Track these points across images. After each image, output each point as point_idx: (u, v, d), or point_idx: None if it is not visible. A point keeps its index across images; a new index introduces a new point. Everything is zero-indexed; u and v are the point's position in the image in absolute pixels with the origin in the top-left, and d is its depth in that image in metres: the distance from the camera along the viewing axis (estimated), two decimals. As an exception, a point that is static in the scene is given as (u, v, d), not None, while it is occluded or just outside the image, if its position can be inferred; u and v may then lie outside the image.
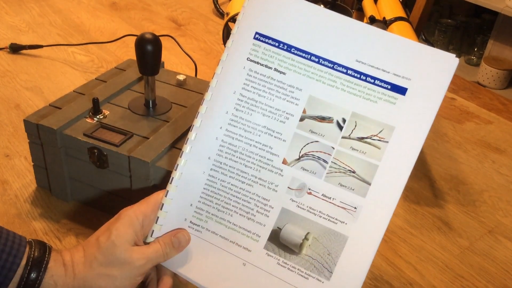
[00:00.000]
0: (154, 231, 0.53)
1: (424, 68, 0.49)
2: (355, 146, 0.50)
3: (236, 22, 0.54)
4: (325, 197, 0.51)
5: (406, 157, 0.49)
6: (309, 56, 0.52)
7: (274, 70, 0.52)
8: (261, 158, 0.52)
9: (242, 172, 0.53)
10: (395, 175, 0.50)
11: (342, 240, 0.50)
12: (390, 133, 0.50)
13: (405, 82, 0.49)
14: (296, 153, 0.52)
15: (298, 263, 0.51)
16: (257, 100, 0.53)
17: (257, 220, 0.52)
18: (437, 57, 0.49)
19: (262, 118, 0.52)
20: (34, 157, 0.74)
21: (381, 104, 0.50)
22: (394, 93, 0.50)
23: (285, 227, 0.52)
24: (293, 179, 0.52)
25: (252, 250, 0.52)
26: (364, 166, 0.50)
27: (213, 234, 0.53)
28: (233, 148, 0.53)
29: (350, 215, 0.50)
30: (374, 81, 0.50)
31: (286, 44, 0.52)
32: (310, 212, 0.51)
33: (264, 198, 0.52)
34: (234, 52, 0.54)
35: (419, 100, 0.49)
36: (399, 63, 0.50)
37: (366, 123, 0.50)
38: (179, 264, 0.53)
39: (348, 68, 0.51)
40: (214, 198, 0.53)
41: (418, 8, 1.16)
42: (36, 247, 0.49)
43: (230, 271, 0.52)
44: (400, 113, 0.49)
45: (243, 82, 0.53)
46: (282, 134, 0.52)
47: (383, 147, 0.50)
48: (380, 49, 0.50)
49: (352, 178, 0.50)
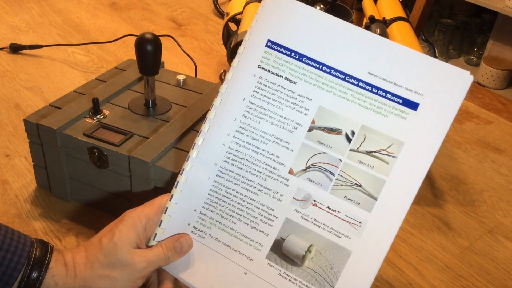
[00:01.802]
0: (157, 235, 0.52)
1: (438, 84, 0.48)
2: (363, 160, 0.50)
3: (249, 29, 0.53)
4: (330, 209, 0.50)
5: (414, 173, 0.48)
6: (321, 66, 0.51)
7: (284, 78, 0.52)
8: (268, 166, 0.52)
9: (248, 179, 0.52)
10: (402, 191, 0.49)
11: (345, 255, 0.49)
12: (400, 148, 0.49)
13: (417, 97, 0.48)
14: (303, 163, 0.51)
15: (299, 275, 0.50)
16: (266, 108, 0.52)
17: (261, 229, 0.52)
18: (451, 73, 0.48)
19: (270, 126, 0.52)
20: (34, 157, 0.74)
21: (391, 118, 0.49)
22: (406, 108, 0.49)
23: (288, 238, 0.51)
24: (299, 190, 0.51)
25: (254, 259, 0.52)
26: (371, 180, 0.49)
27: (215, 240, 0.53)
28: (240, 155, 0.52)
29: (354, 229, 0.49)
30: (385, 94, 0.49)
31: (298, 53, 0.51)
32: (314, 224, 0.50)
33: (268, 207, 0.52)
34: (245, 59, 0.53)
35: (430, 116, 0.48)
36: (412, 78, 0.48)
37: (376, 137, 0.49)
38: (180, 269, 0.53)
39: (360, 80, 0.50)
40: (218, 205, 0.53)
41: (418, 8, 1.16)
42: (38, 247, 0.49)
43: (230, 279, 0.52)
44: (410, 129, 0.48)
45: (253, 89, 0.52)
46: (289, 143, 0.51)
47: (392, 162, 0.49)
48: (393, 62, 0.49)
49: (358, 192, 0.50)
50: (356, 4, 1.16)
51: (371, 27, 0.94)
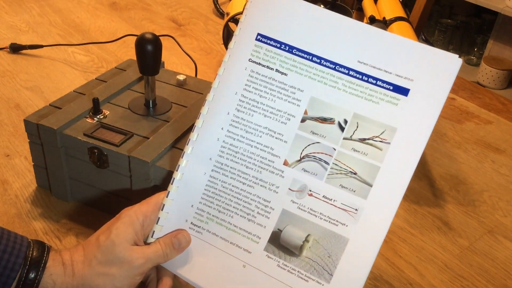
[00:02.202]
0: (155, 232, 0.53)
1: (427, 69, 0.49)
2: (357, 148, 0.50)
3: (239, 24, 0.54)
4: (326, 198, 0.51)
5: (408, 158, 0.49)
6: (311, 57, 0.51)
7: (275, 71, 0.52)
8: (262, 159, 0.52)
9: (243, 173, 0.53)
10: (397, 176, 0.49)
11: (342, 242, 0.50)
12: (392, 134, 0.49)
13: (408, 83, 0.49)
14: (297, 154, 0.52)
15: (298, 265, 0.51)
16: (259, 101, 0.52)
17: (258, 221, 0.52)
18: (440, 58, 0.49)
19: (263, 119, 0.52)
20: (34, 157, 0.74)
21: (383, 105, 0.50)
22: (396, 94, 0.49)
23: (285, 229, 0.51)
24: (294, 181, 0.52)
25: (252, 252, 0.52)
26: (366, 167, 0.50)
27: (213, 235, 0.53)
28: (234, 149, 0.53)
29: (351, 217, 0.50)
30: (376, 82, 0.50)
31: (287, 45, 0.52)
32: (310, 213, 0.51)
33: (264, 199, 0.52)
34: (236, 53, 0.53)
35: (421, 101, 0.49)
36: (402, 64, 0.49)
37: (368, 124, 0.50)
38: (179, 265, 0.53)
39: (350, 69, 0.51)
40: (215, 199, 0.53)
41: (418, 8, 1.16)
42: (35, 247, 0.49)
43: (230, 272, 0.52)
44: (402, 114, 0.49)
45: (245, 83, 0.53)
46: (283, 135, 0.52)
47: (385, 149, 0.49)
48: (382, 50, 0.50)
49: (353, 180, 0.50)
50: (356, 4, 1.16)
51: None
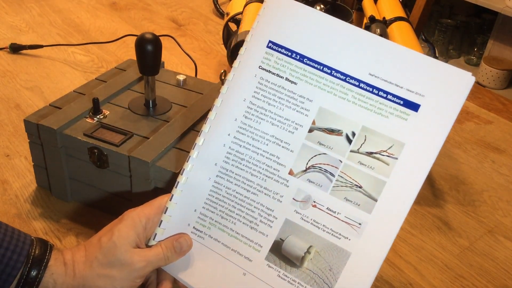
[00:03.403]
0: (157, 235, 0.52)
1: (439, 85, 0.48)
2: (363, 161, 0.49)
3: (251, 30, 0.53)
4: (330, 211, 0.50)
5: (415, 174, 0.48)
6: (322, 67, 0.51)
7: (285, 79, 0.52)
8: (268, 167, 0.52)
9: (248, 180, 0.52)
10: (402, 192, 0.48)
11: (344, 256, 0.49)
12: (400, 149, 0.48)
13: (419, 99, 0.48)
14: (303, 164, 0.51)
15: (298, 276, 0.50)
16: (267, 109, 0.52)
17: (260, 230, 0.52)
18: (453, 75, 0.48)
19: (270, 127, 0.52)
20: (34, 157, 0.74)
21: (392, 119, 0.49)
22: (407, 109, 0.48)
23: (287, 239, 0.51)
24: (299, 191, 0.51)
25: (253, 260, 0.52)
26: (372, 181, 0.49)
27: (215, 241, 0.53)
28: (240, 156, 0.52)
29: (354, 231, 0.49)
30: (386, 95, 0.49)
31: (298, 54, 0.51)
32: (313, 225, 0.50)
33: (268, 208, 0.52)
34: (246, 60, 0.53)
35: (431, 118, 0.48)
36: (414, 79, 0.48)
37: (376, 138, 0.49)
38: (179, 269, 0.53)
39: (361, 81, 0.50)
40: (218, 205, 0.53)
41: (418, 8, 1.16)
42: (38, 245, 0.49)
43: (229, 280, 0.52)
44: (411, 130, 0.48)
45: (254, 90, 0.52)
46: (290, 144, 0.51)
47: (392, 164, 0.49)
48: (395, 63, 0.49)
49: (359, 193, 0.49)
50: (356, 4, 1.16)
51: (371, 27, 0.94)
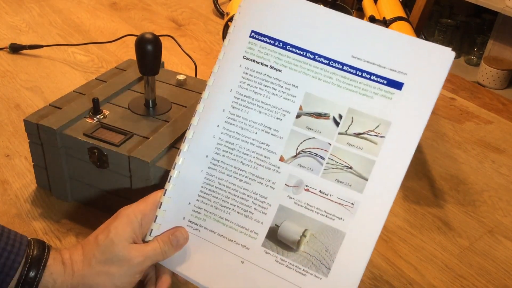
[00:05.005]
0: (153, 230, 0.53)
1: (420, 62, 0.49)
2: (352, 142, 0.51)
3: (233, 22, 0.54)
4: (322, 193, 0.51)
5: (403, 152, 0.49)
6: (305, 53, 0.52)
7: (270, 67, 0.53)
8: (258, 155, 0.53)
9: (240, 170, 0.53)
10: (392, 170, 0.50)
11: (339, 236, 0.50)
12: (387, 128, 0.50)
13: (401, 77, 0.49)
14: (293, 150, 0.52)
15: (296, 260, 0.51)
16: (254, 97, 0.53)
17: (255, 217, 0.53)
18: (433, 51, 0.49)
19: (258, 115, 0.53)
20: (34, 157, 0.74)
21: (377, 99, 0.50)
22: (390, 88, 0.50)
23: (282, 224, 0.52)
24: (290, 176, 0.52)
25: (250, 248, 0.52)
26: (361, 161, 0.50)
27: (211, 232, 0.53)
28: (230, 146, 0.53)
29: (347, 211, 0.50)
30: (370, 76, 0.50)
31: (281, 42, 0.52)
32: (307, 208, 0.51)
33: (261, 195, 0.52)
34: (230, 51, 0.54)
35: (415, 95, 0.49)
36: (395, 58, 0.50)
37: (363, 119, 0.50)
38: (177, 263, 0.53)
39: (344, 64, 0.51)
40: (212, 197, 0.53)
41: (418, 8, 1.16)
42: (35, 246, 0.49)
43: (228, 269, 0.53)
44: (396, 108, 0.50)
45: (240, 80, 0.53)
46: (279, 131, 0.52)
47: (380, 143, 0.50)
48: (376, 44, 0.50)
49: (349, 174, 0.51)
50: (356, 4, 1.16)
51: (371, 27, 0.94)
